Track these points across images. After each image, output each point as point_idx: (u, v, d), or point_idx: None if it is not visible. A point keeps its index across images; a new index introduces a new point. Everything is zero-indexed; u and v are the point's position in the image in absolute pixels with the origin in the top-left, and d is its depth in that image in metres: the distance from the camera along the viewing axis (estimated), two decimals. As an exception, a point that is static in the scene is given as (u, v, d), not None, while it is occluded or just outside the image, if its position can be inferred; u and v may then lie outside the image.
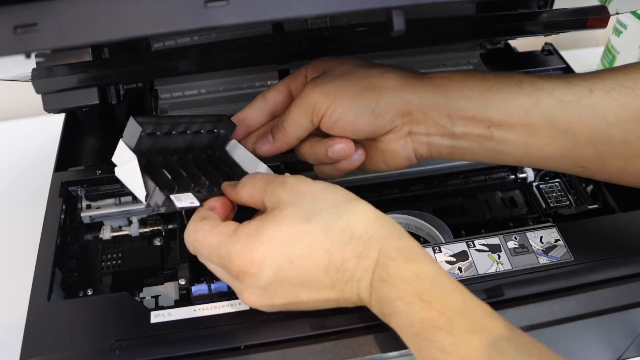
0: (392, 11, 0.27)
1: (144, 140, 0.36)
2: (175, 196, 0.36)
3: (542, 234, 0.43)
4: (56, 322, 0.38)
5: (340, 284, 0.35)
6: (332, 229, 0.35)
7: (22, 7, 0.25)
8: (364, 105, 0.39)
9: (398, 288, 0.33)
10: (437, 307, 0.32)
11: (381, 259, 0.34)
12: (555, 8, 0.56)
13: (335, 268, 0.34)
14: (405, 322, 0.33)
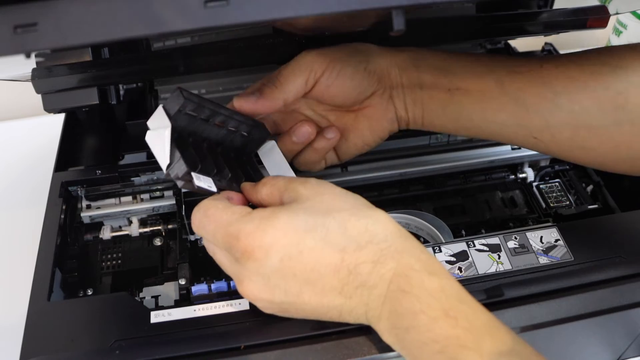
0: (392, 11, 0.27)
1: (181, 115, 0.36)
2: (196, 175, 0.35)
3: (542, 234, 0.43)
4: (56, 322, 0.38)
5: (350, 288, 0.33)
6: (350, 228, 0.33)
7: (22, 7, 0.25)
8: (357, 63, 0.42)
9: (422, 301, 0.31)
10: (464, 325, 0.30)
11: (401, 269, 0.32)
12: (555, 8, 0.56)
13: (347, 269, 0.33)
14: (428, 337, 0.31)
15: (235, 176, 0.40)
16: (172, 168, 0.35)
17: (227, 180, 0.39)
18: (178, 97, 0.35)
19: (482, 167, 0.54)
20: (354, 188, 0.53)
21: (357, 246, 0.33)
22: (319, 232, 0.33)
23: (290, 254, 0.33)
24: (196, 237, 0.49)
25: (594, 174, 0.53)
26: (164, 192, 0.51)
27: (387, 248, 0.33)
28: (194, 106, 0.36)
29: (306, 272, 0.33)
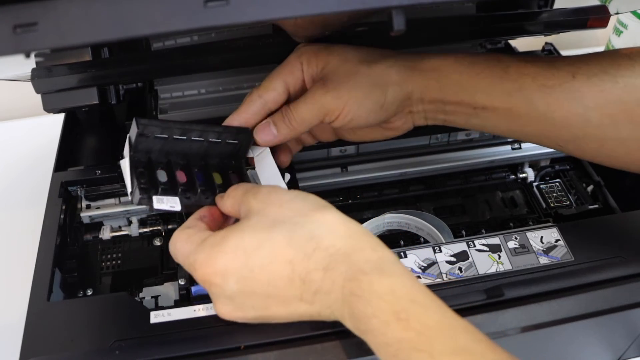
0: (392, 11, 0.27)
1: (143, 140, 0.39)
2: (157, 197, 0.38)
3: (543, 234, 0.43)
4: (56, 322, 0.38)
5: (308, 295, 0.33)
6: (294, 238, 0.33)
7: (22, 7, 0.25)
8: (373, 102, 0.41)
9: (372, 305, 0.31)
10: (415, 327, 0.30)
11: (352, 273, 0.32)
12: (555, 8, 0.56)
13: (299, 279, 0.33)
14: (382, 341, 0.31)
15: (210, 189, 0.41)
16: (132, 195, 0.38)
17: (198, 195, 0.40)
18: (134, 125, 0.38)
19: (482, 167, 0.54)
20: (354, 188, 0.53)
21: (304, 255, 0.33)
22: (265, 249, 0.33)
23: (244, 275, 0.34)
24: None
25: (595, 174, 0.53)
26: (164, 192, 0.51)
27: (336, 252, 0.33)
28: (155, 129, 0.39)
29: (264, 288, 0.34)
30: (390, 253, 0.34)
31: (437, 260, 0.42)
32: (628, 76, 0.38)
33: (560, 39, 0.60)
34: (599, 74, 0.39)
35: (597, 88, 0.38)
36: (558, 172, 0.55)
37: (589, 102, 0.39)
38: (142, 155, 0.40)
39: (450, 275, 0.41)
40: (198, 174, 0.41)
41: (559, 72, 0.39)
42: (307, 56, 0.42)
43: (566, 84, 0.39)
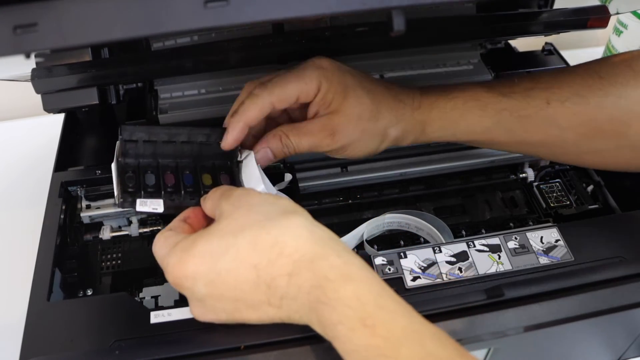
0: (392, 11, 0.27)
1: (131, 146, 0.41)
2: (141, 200, 0.40)
3: (543, 234, 0.43)
4: (56, 322, 0.38)
5: (275, 300, 0.33)
6: (260, 243, 0.34)
7: (22, 7, 0.25)
8: (371, 149, 0.44)
9: (338, 312, 0.31)
10: (381, 333, 0.30)
11: (317, 280, 0.32)
12: (555, 8, 0.56)
13: (265, 284, 0.33)
14: (349, 348, 0.31)
15: (197, 190, 0.42)
16: (116, 198, 0.40)
17: (182, 197, 0.41)
18: (120, 133, 0.41)
19: (482, 167, 0.54)
20: (354, 188, 0.53)
21: (269, 261, 0.33)
22: (231, 253, 0.34)
23: (211, 278, 0.34)
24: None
25: (595, 174, 0.53)
26: (164, 192, 0.51)
27: (300, 258, 0.33)
28: (145, 135, 0.41)
29: (231, 291, 0.34)
30: (356, 258, 0.34)
31: (437, 261, 0.42)
32: (599, 96, 0.41)
33: (560, 39, 0.60)
34: (571, 97, 0.42)
35: (570, 111, 0.41)
36: (558, 172, 0.55)
37: (563, 124, 0.42)
38: (132, 159, 0.41)
39: (450, 275, 0.41)
40: (187, 175, 0.42)
41: (533, 101, 0.42)
42: (327, 85, 0.42)
43: (541, 111, 0.42)
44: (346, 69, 0.43)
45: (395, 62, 0.59)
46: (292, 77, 0.41)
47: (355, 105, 0.42)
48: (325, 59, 0.42)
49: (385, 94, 0.43)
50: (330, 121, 0.42)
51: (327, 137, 0.42)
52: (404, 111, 0.43)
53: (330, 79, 0.41)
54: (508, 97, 0.43)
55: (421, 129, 0.44)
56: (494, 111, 0.43)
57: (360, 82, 0.43)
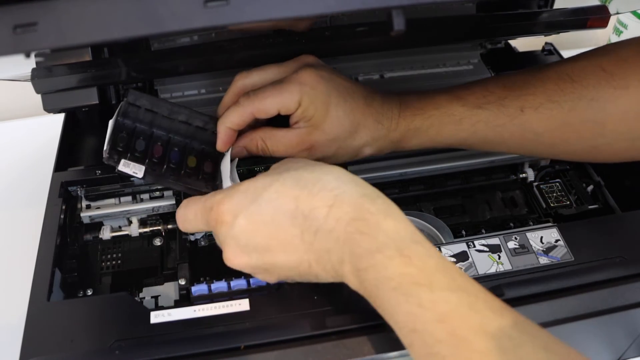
0: (392, 11, 0.27)
1: (132, 109, 0.43)
2: (125, 161, 0.42)
3: (543, 234, 0.43)
4: (56, 322, 0.38)
5: (309, 234, 0.34)
6: (302, 179, 0.36)
7: (22, 7, 0.25)
8: (346, 160, 0.46)
9: (379, 241, 0.33)
10: (417, 264, 0.32)
11: (358, 213, 0.34)
12: (555, 8, 0.56)
13: (302, 215, 0.35)
14: (383, 275, 0.32)
15: (179, 168, 0.44)
16: (104, 152, 0.42)
17: (164, 170, 0.43)
18: (126, 95, 0.43)
19: (482, 167, 0.54)
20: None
21: (309, 193, 0.35)
22: (274, 186, 0.36)
23: (251, 210, 0.35)
24: (196, 237, 0.49)
25: (595, 174, 0.53)
26: (164, 192, 0.51)
27: (342, 194, 0.35)
28: (148, 103, 0.44)
29: (267, 225, 0.35)
30: (393, 203, 0.35)
31: (437, 260, 0.42)
32: (572, 100, 0.41)
33: (560, 39, 0.60)
34: (544, 103, 0.42)
35: (544, 116, 0.42)
36: (558, 172, 0.55)
37: (538, 129, 0.43)
38: (130, 122, 0.43)
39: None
40: (175, 152, 0.44)
41: (507, 110, 0.43)
42: (307, 101, 0.42)
43: (515, 119, 0.43)
44: (331, 84, 0.43)
45: (395, 62, 0.59)
46: (274, 92, 0.42)
47: (334, 127, 0.43)
48: (309, 72, 0.42)
49: (367, 114, 0.44)
50: (309, 136, 0.43)
51: (304, 151, 0.44)
52: (380, 133, 0.44)
53: (311, 95, 0.42)
54: (482, 109, 0.43)
55: (396, 146, 0.46)
56: (469, 124, 0.44)
57: (344, 101, 0.43)
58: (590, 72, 0.41)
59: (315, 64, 0.44)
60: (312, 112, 0.42)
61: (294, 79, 0.42)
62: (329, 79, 0.43)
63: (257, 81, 0.44)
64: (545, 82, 0.42)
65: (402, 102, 0.45)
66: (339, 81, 0.43)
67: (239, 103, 0.42)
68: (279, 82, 0.42)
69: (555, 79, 0.42)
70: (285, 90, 0.41)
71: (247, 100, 0.42)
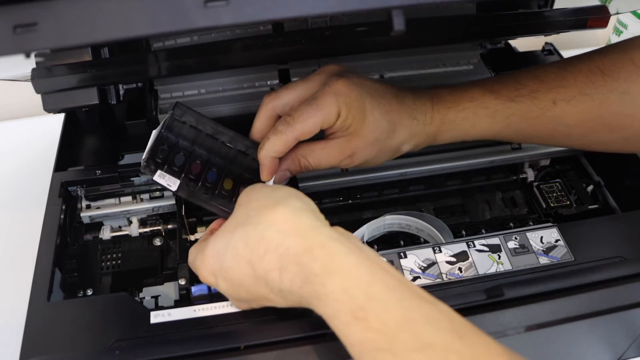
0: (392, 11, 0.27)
1: (177, 124, 0.44)
2: (161, 172, 0.42)
3: (543, 234, 0.43)
4: (56, 322, 0.38)
5: (276, 292, 0.34)
6: (249, 240, 0.35)
7: (22, 7, 0.25)
8: (387, 159, 0.46)
9: (330, 306, 0.31)
10: (375, 326, 0.30)
11: (304, 275, 0.32)
12: (555, 8, 0.56)
13: (262, 279, 0.34)
14: (347, 342, 0.31)
15: (214, 189, 0.44)
16: (142, 161, 0.42)
17: (199, 188, 0.43)
18: (173, 109, 0.43)
19: (482, 167, 0.54)
20: (354, 188, 0.53)
21: (258, 255, 0.34)
22: (229, 252, 0.36)
23: (223, 275, 0.36)
24: (196, 237, 0.49)
25: (595, 174, 0.53)
26: (164, 192, 0.51)
27: (285, 252, 0.33)
28: (193, 120, 0.44)
29: (240, 286, 0.36)
30: (342, 245, 0.33)
31: (437, 261, 0.42)
32: (603, 93, 0.42)
33: (560, 39, 0.60)
34: (577, 96, 0.42)
35: (576, 109, 0.43)
36: (558, 172, 0.55)
37: (570, 122, 0.43)
38: (173, 137, 0.44)
39: (450, 275, 0.41)
40: (212, 172, 0.44)
41: (540, 103, 0.43)
42: (346, 111, 0.41)
43: (548, 112, 0.43)
44: (363, 89, 0.42)
45: (395, 62, 0.59)
46: (312, 111, 0.41)
47: (373, 130, 0.42)
48: (341, 81, 0.41)
49: (401, 112, 0.43)
50: (349, 143, 0.43)
51: (346, 159, 0.43)
52: (417, 128, 0.44)
53: (348, 104, 0.41)
54: (516, 102, 0.43)
55: (432, 140, 0.45)
56: (503, 117, 0.44)
57: (378, 103, 0.42)
58: (621, 66, 0.42)
59: (341, 72, 0.43)
60: (350, 121, 0.42)
61: (328, 92, 0.41)
62: (360, 84, 0.42)
63: (288, 100, 0.43)
64: (576, 75, 0.43)
65: (433, 96, 0.44)
66: (369, 84, 0.43)
67: (280, 131, 0.41)
68: (313, 98, 0.41)
69: (587, 72, 0.43)
70: (323, 106, 0.41)
71: (287, 127, 0.41)
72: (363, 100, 0.42)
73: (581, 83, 0.42)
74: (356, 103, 0.41)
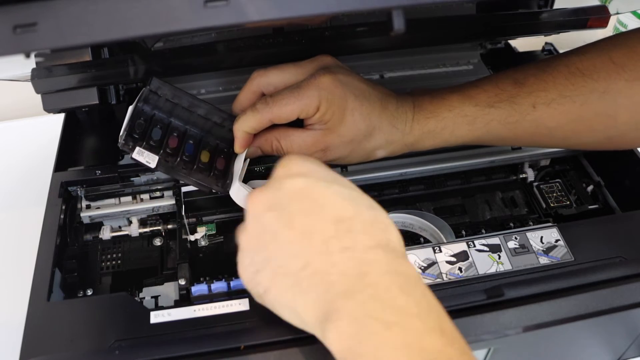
0: (392, 11, 0.27)
1: (153, 97, 0.44)
2: (139, 149, 0.42)
3: (543, 234, 0.43)
4: (56, 322, 0.38)
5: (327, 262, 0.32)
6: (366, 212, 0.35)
7: (22, 7, 0.25)
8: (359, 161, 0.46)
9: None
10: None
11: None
12: (555, 8, 0.56)
13: (341, 246, 0.33)
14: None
15: (192, 162, 0.44)
16: (121, 137, 0.42)
17: (177, 163, 0.43)
18: (149, 83, 0.43)
19: (482, 167, 0.54)
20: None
21: (362, 228, 0.33)
22: (341, 193, 0.35)
23: (297, 209, 0.34)
24: (196, 237, 0.49)
25: (595, 174, 0.53)
26: (164, 192, 0.51)
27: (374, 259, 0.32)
28: (170, 93, 0.44)
29: (302, 234, 0.33)
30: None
31: (437, 261, 0.42)
32: (583, 94, 0.42)
33: (560, 39, 0.60)
34: (557, 98, 0.42)
35: (556, 112, 0.42)
36: (558, 172, 0.55)
37: (551, 125, 0.43)
38: (149, 109, 0.44)
39: (450, 275, 0.41)
40: (190, 145, 0.44)
41: (520, 107, 0.43)
42: (326, 106, 0.41)
43: (528, 115, 0.43)
44: (348, 89, 0.42)
45: (395, 62, 0.59)
46: (292, 98, 0.41)
47: (350, 129, 0.43)
48: (327, 77, 0.41)
49: (382, 117, 0.43)
50: (324, 138, 0.43)
51: (319, 152, 0.44)
52: (395, 136, 0.44)
53: (330, 101, 0.41)
54: (495, 108, 0.43)
55: (410, 148, 0.46)
56: (483, 123, 0.44)
57: (361, 104, 0.43)
58: (600, 66, 0.41)
59: (332, 66, 0.43)
60: (329, 117, 0.42)
61: (312, 84, 0.41)
62: (346, 83, 0.42)
63: (275, 81, 0.43)
64: (555, 77, 0.42)
65: (415, 104, 0.44)
66: (355, 84, 0.43)
67: (257, 109, 0.42)
68: (296, 86, 0.42)
69: (566, 73, 0.42)
70: (304, 96, 0.41)
71: (265, 107, 0.41)
72: (346, 99, 0.42)
73: (561, 85, 0.42)
74: (338, 101, 0.42)
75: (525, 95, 0.43)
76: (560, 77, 0.42)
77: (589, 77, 0.41)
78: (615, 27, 0.83)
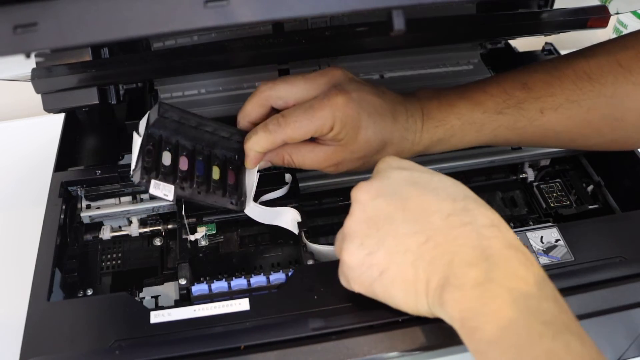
0: (392, 11, 0.27)
1: (167, 122, 0.41)
2: (155, 182, 0.41)
3: (543, 234, 0.43)
4: (56, 322, 0.38)
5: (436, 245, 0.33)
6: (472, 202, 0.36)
7: (22, 7, 0.25)
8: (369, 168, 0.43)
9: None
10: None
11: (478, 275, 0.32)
12: (555, 8, 0.56)
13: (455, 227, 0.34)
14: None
15: (206, 182, 0.43)
16: (134, 172, 0.40)
17: (193, 189, 0.42)
18: (156, 108, 0.40)
19: (482, 167, 0.54)
20: (354, 188, 0.53)
21: (474, 215, 0.35)
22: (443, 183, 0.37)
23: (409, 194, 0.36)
24: (196, 237, 0.49)
25: (595, 174, 0.53)
26: (164, 192, 0.51)
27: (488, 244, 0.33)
28: (177, 116, 0.41)
29: (417, 215, 0.35)
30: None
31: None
32: (590, 98, 0.42)
33: (560, 39, 0.60)
34: (564, 103, 0.42)
35: (564, 116, 0.43)
36: (558, 172, 0.55)
37: (558, 129, 0.43)
38: (156, 132, 0.42)
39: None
40: (200, 163, 0.43)
41: (528, 113, 0.43)
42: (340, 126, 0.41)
43: (536, 121, 0.43)
44: (362, 107, 0.42)
45: (395, 62, 0.59)
46: (306, 120, 0.41)
47: (363, 147, 0.43)
48: (341, 97, 0.41)
49: (394, 131, 0.43)
50: (336, 154, 0.43)
51: (331, 167, 0.44)
52: (405, 146, 0.45)
53: (344, 121, 0.41)
54: (503, 114, 0.44)
55: (417, 154, 0.46)
56: (490, 129, 0.44)
57: (374, 122, 0.42)
58: (607, 69, 0.42)
59: (343, 82, 0.43)
60: (342, 136, 0.42)
61: (325, 105, 0.41)
62: (359, 101, 0.42)
63: (284, 95, 0.43)
64: (563, 82, 0.43)
65: (424, 112, 0.44)
66: (368, 99, 0.42)
67: (269, 130, 0.41)
68: (309, 106, 0.41)
69: (573, 77, 0.42)
70: (318, 118, 0.41)
71: (278, 128, 0.41)
72: (359, 118, 0.42)
73: (568, 90, 0.42)
74: (351, 122, 0.41)
75: (532, 100, 0.43)
76: (568, 81, 0.42)
77: (597, 81, 0.41)
78: (615, 27, 0.83)
